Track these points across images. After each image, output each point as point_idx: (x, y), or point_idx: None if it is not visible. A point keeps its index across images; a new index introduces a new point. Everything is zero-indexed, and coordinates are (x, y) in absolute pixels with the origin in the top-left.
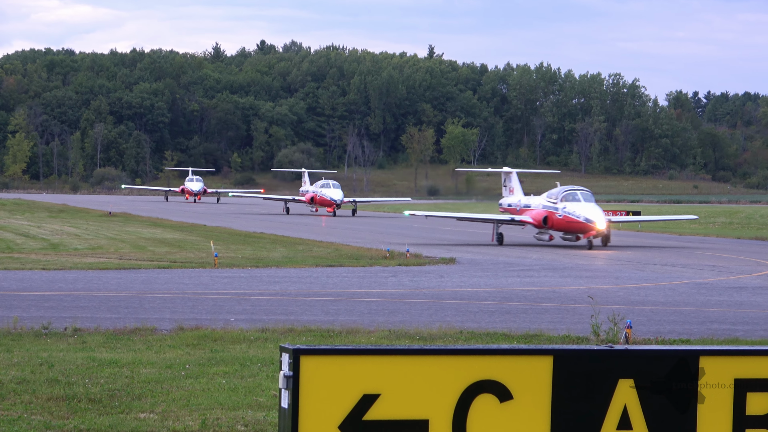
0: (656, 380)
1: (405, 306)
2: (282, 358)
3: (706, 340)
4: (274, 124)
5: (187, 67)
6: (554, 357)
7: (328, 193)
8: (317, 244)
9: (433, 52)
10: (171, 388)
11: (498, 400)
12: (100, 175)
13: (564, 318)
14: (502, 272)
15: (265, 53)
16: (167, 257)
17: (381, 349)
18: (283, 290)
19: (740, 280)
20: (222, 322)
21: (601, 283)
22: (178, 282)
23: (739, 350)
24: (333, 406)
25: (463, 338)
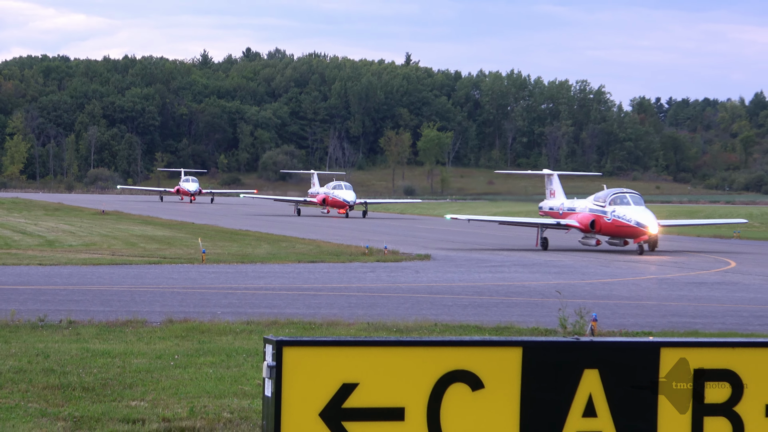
0: (619, 370)
1: (383, 300)
2: (266, 349)
3: (667, 333)
4: (259, 128)
5: (176, 73)
6: (523, 348)
7: (341, 194)
8: (300, 241)
9: (409, 59)
10: (161, 377)
11: (470, 389)
12: (94, 175)
13: (533, 311)
14: (475, 268)
15: (250, 60)
16: (157, 253)
17: (359, 340)
18: (267, 285)
19: (699, 276)
20: (209, 315)
21: (568, 278)
22: (167, 277)
23: (697, 342)
24: (314, 395)
25: (438, 330)
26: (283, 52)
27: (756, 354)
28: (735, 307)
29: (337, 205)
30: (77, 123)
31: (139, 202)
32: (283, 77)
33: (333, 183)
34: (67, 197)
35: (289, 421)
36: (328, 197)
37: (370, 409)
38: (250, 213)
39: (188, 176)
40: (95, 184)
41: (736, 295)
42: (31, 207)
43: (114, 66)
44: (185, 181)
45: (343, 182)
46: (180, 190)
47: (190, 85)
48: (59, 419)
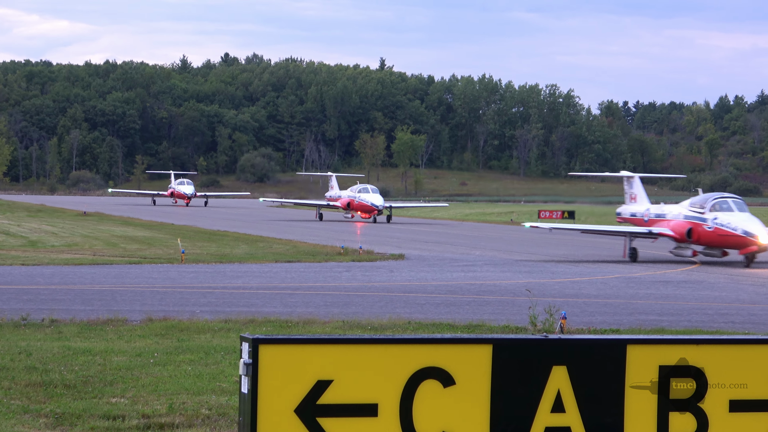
0: (587, 367)
1: (358, 298)
2: (242, 347)
3: (634, 330)
4: (237, 131)
5: (156, 78)
6: (493, 345)
7: (369, 198)
8: (277, 242)
9: (384, 64)
10: (140, 374)
11: (442, 386)
12: (76, 177)
13: (504, 309)
14: (448, 267)
15: (228, 65)
16: (138, 253)
17: (334, 338)
18: (245, 284)
19: (666, 275)
20: (188, 313)
21: (538, 277)
22: (147, 276)
23: (663, 339)
24: (289, 391)
25: (411, 328)
26: (261, 57)
27: (720, 351)
28: (700, 305)
29: (364, 209)
30: (59, 126)
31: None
32: (261, 82)
33: (358, 186)
34: (50, 199)
35: (265, 417)
36: (354, 201)
37: (344, 405)
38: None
39: (183, 179)
40: (77, 186)
41: (702, 293)
42: (14, 208)
43: (95, 71)
44: (180, 184)
45: (368, 185)
46: (174, 192)
47: (170, 90)
48: (41, 416)
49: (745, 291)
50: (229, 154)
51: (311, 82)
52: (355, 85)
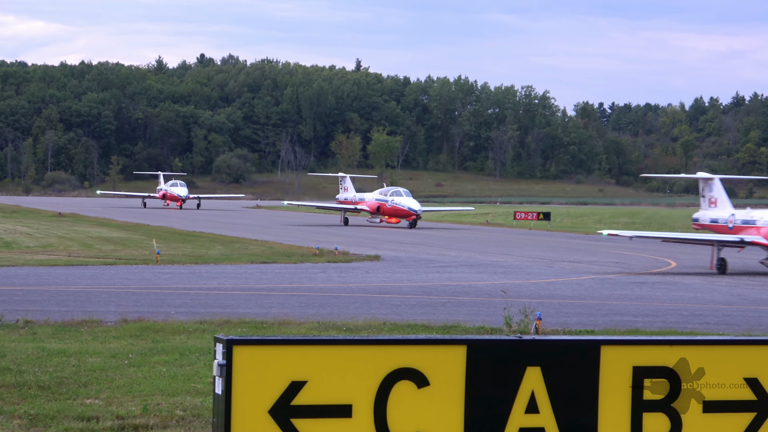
0: (561, 368)
1: (333, 299)
2: (216, 348)
3: (609, 331)
4: (213, 132)
5: (132, 79)
6: (467, 346)
7: (405, 202)
8: (252, 243)
9: (360, 65)
10: (115, 375)
11: (416, 387)
12: (51, 178)
13: (479, 310)
14: (423, 268)
15: (204, 66)
16: (113, 254)
17: (307, 339)
18: (220, 285)
19: (641, 276)
20: (163, 314)
21: (513, 278)
22: (122, 277)
23: (636, 340)
24: (263, 392)
25: (387, 329)
26: (237, 58)
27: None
28: (675, 306)
29: (398, 214)
30: (35, 127)
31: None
32: (237, 82)
33: (390, 189)
34: (25, 200)
35: (239, 418)
36: (385, 205)
37: (318, 406)
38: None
39: (175, 180)
40: (52, 187)
41: (676, 294)
42: None
43: (71, 71)
44: (173, 185)
45: (400, 188)
46: (167, 194)
47: (146, 90)
48: (15, 417)
49: (720, 292)
50: (205, 155)
51: (287, 83)
52: (331, 86)
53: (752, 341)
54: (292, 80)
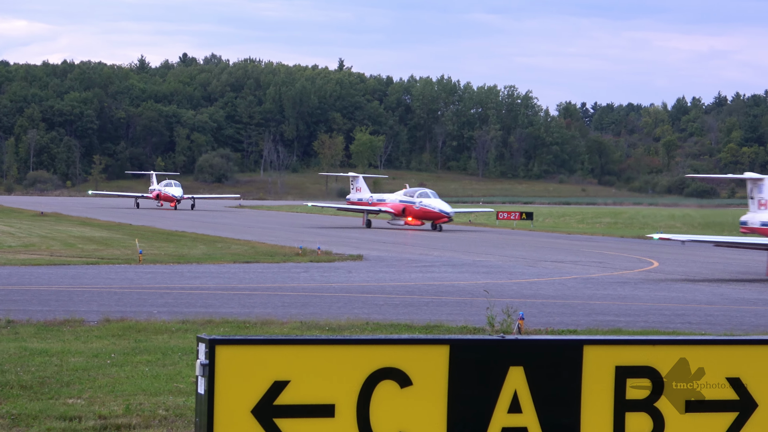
0: (544, 367)
1: (316, 299)
2: (199, 348)
3: (591, 330)
4: (196, 131)
5: (114, 78)
6: (450, 346)
7: (435, 204)
8: (235, 242)
9: (342, 64)
10: (97, 375)
11: (399, 386)
12: (33, 177)
13: (462, 310)
14: (406, 268)
15: (187, 65)
16: (95, 254)
17: (290, 339)
18: (203, 285)
19: (623, 276)
20: (146, 314)
21: (496, 278)
22: (105, 277)
23: (619, 339)
24: (246, 392)
25: (369, 329)
26: (219, 57)
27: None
28: (657, 306)
29: (428, 216)
30: (17, 126)
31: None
32: (219, 82)
33: (416, 189)
34: (7, 199)
35: (221, 418)
36: (412, 206)
37: (300, 406)
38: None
39: (169, 180)
40: (34, 186)
41: (659, 294)
42: None
43: (53, 71)
44: (167, 185)
45: (427, 189)
46: (161, 195)
47: (128, 90)
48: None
49: (702, 292)
50: (188, 155)
51: (270, 82)
52: (313, 85)
53: (734, 341)
54: (274, 80)
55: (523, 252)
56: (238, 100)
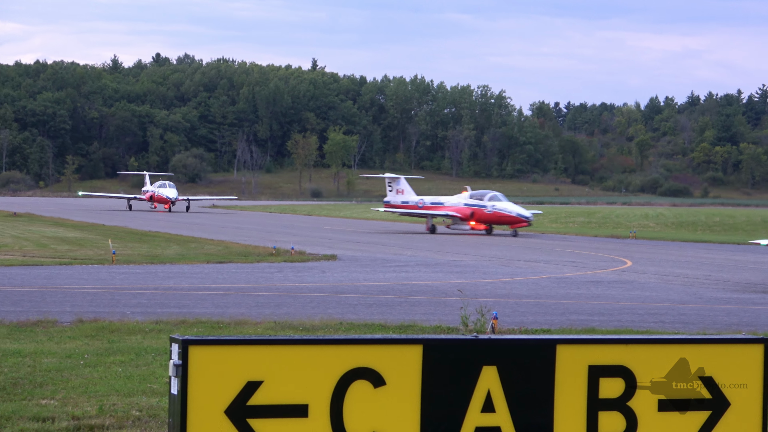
0: (517, 367)
1: (290, 299)
2: (172, 348)
3: (565, 330)
4: (169, 131)
5: (87, 78)
6: (424, 346)
7: (511, 207)
8: (209, 242)
9: (316, 64)
10: (71, 376)
11: (372, 386)
12: (6, 178)
13: (436, 310)
14: (380, 268)
15: (160, 65)
16: (68, 254)
17: (263, 339)
18: (176, 285)
19: (597, 275)
20: (119, 314)
21: (470, 277)
22: (78, 277)
23: (592, 339)
24: (219, 393)
25: (343, 329)
26: (193, 57)
27: (649, 350)
28: (630, 305)
29: (504, 221)
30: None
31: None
32: (192, 82)
33: (484, 192)
34: None
35: (195, 418)
36: (483, 211)
37: (274, 406)
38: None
39: (164, 181)
40: (7, 186)
41: (632, 293)
42: None
43: (26, 71)
44: (161, 187)
45: (494, 191)
46: (154, 196)
47: (101, 90)
48: None
49: (675, 291)
50: (161, 155)
51: (243, 82)
52: (287, 85)
53: (707, 340)
54: (248, 80)
55: (497, 251)
56: (211, 100)
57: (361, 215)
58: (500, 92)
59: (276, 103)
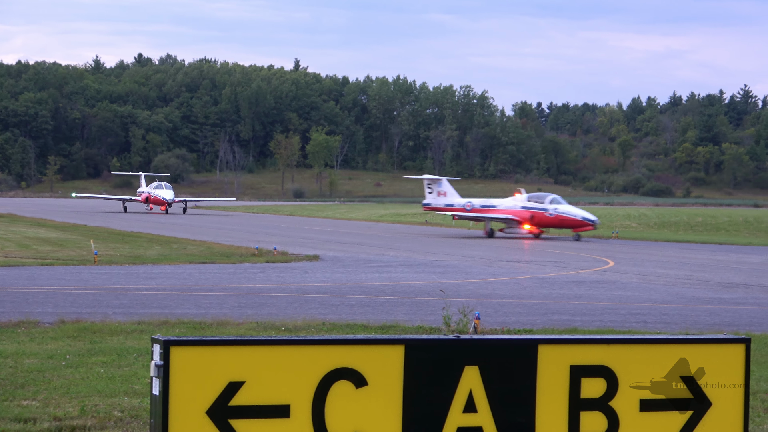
0: (499, 367)
1: (272, 300)
2: (153, 349)
3: (547, 330)
4: (151, 131)
5: (69, 78)
6: (405, 346)
7: (575, 211)
8: (191, 243)
9: (298, 65)
10: (52, 377)
11: (354, 386)
12: None
13: (418, 310)
14: (363, 268)
15: (142, 65)
16: (50, 255)
17: (245, 339)
18: (158, 285)
19: (579, 275)
20: (101, 315)
21: (452, 278)
22: (60, 278)
23: (573, 339)
24: (201, 393)
25: (325, 329)
26: (175, 57)
27: (631, 350)
28: (613, 305)
29: (567, 225)
30: None
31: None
32: (175, 82)
33: (543, 195)
34: None
35: (176, 419)
36: (544, 214)
37: (256, 406)
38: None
39: (160, 182)
40: None
41: (614, 293)
42: None
43: (7, 71)
44: (157, 188)
45: (553, 194)
46: (150, 198)
47: (83, 90)
48: None
49: (657, 291)
50: (143, 155)
51: (225, 82)
52: (269, 85)
53: (688, 340)
54: (230, 80)
55: (480, 252)
56: (193, 100)
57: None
58: (483, 92)
59: (258, 103)
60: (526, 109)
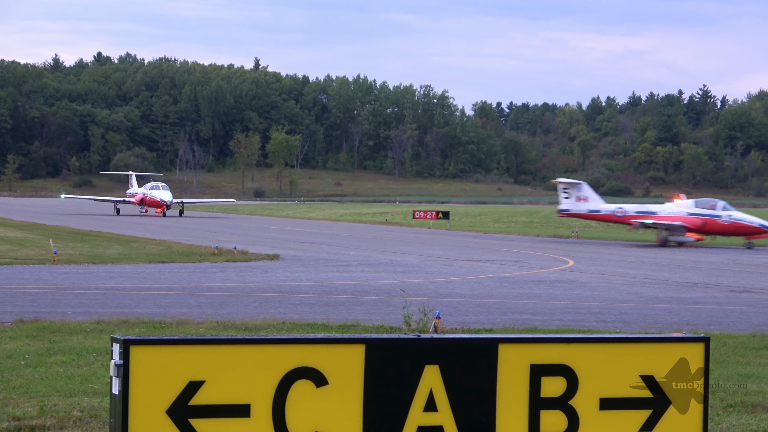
0: (459, 366)
1: (232, 299)
2: (113, 348)
3: (507, 329)
4: (110, 130)
5: (28, 77)
6: (366, 345)
7: (746, 217)
8: (150, 242)
9: (258, 64)
10: (11, 376)
11: (314, 386)
12: None
13: (379, 309)
14: (323, 267)
15: (101, 64)
16: (9, 254)
17: (205, 339)
18: (118, 285)
19: (539, 275)
20: (60, 314)
21: (413, 277)
22: (18, 277)
23: (534, 338)
24: (161, 393)
25: (286, 328)
26: (135, 56)
27: (590, 349)
28: (572, 304)
29: (742, 232)
30: None
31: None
32: (134, 81)
33: (716, 202)
34: None
35: (136, 418)
36: (717, 221)
37: (216, 406)
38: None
39: (156, 182)
40: None
41: (574, 292)
42: None
43: None
44: (154, 189)
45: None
46: (146, 200)
47: (42, 89)
48: None
49: (617, 290)
50: (102, 154)
51: (185, 81)
52: (229, 85)
53: (648, 339)
54: (190, 79)
55: (440, 251)
56: (153, 99)
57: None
58: (443, 92)
59: (218, 102)
60: (487, 109)
